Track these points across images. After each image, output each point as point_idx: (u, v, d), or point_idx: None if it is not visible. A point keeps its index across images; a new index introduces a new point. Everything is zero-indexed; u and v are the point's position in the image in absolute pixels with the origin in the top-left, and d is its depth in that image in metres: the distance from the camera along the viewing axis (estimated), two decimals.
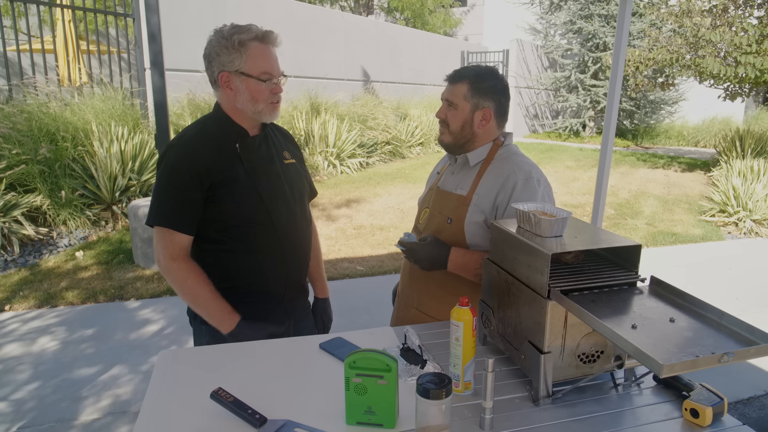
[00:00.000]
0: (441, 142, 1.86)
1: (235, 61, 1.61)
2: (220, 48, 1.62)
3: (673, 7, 9.48)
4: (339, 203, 7.23)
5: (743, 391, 3.16)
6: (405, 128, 11.17)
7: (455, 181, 1.86)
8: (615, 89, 2.54)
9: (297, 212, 1.81)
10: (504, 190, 1.71)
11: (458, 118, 1.78)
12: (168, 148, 1.68)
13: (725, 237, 6.53)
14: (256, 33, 1.62)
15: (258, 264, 1.73)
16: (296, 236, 1.81)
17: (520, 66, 15.81)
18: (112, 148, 5.80)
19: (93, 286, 4.43)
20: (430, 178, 2.08)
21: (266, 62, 1.63)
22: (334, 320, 2.09)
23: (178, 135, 1.71)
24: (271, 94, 1.66)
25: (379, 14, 19.72)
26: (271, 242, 1.73)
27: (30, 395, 2.93)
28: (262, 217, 1.70)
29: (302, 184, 1.87)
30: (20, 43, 6.28)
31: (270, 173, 1.74)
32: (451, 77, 1.80)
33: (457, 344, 1.30)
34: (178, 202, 1.63)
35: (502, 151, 1.82)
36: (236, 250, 1.71)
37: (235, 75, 1.63)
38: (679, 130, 15.89)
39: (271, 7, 9.78)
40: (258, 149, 1.74)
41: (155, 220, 1.65)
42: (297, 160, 1.89)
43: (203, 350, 1.58)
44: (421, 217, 1.93)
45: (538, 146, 13.38)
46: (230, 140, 1.69)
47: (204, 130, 1.70)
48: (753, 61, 8.06)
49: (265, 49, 1.64)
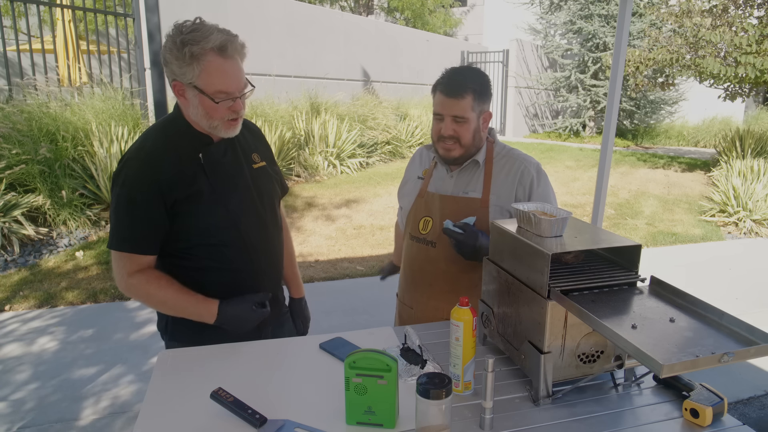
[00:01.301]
0: (448, 157, 1.78)
1: (187, 74, 1.42)
2: (170, 55, 1.42)
3: (673, 7, 9.48)
4: (339, 203, 7.23)
5: (743, 391, 3.16)
6: (405, 128, 11.16)
7: (459, 184, 1.83)
8: (615, 89, 2.54)
9: (267, 222, 1.69)
10: (522, 186, 1.78)
11: (468, 130, 1.74)
12: (125, 163, 1.51)
13: (725, 237, 6.53)
14: (213, 44, 1.40)
15: (227, 280, 1.62)
16: (268, 248, 1.70)
17: (520, 66, 15.81)
18: (112, 148, 5.80)
19: (93, 286, 4.43)
20: (409, 184, 1.98)
21: (223, 80, 1.43)
22: (335, 320, 2.10)
23: (135, 146, 1.54)
24: (228, 111, 1.48)
25: (379, 14, 19.72)
26: (240, 258, 1.61)
27: (30, 395, 2.93)
28: (229, 234, 1.58)
29: (273, 189, 1.75)
30: (20, 43, 6.27)
31: (238, 185, 1.60)
32: (453, 92, 1.69)
33: (457, 344, 1.30)
34: (140, 221, 1.49)
35: (498, 148, 1.86)
36: (203, 267, 1.59)
37: (189, 87, 1.45)
38: (679, 130, 15.88)
39: (271, 7, 9.78)
40: (223, 158, 1.58)
41: (112, 244, 1.51)
42: (267, 161, 1.74)
43: (203, 350, 1.58)
44: (422, 226, 1.86)
45: (538, 146, 13.38)
46: (193, 150, 1.53)
47: (164, 140, 1.54)
48: (753, 61, 8.06)
49: (222, 63, 1.42)
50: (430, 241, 1.84)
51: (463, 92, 1.69)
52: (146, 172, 1.48)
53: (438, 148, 1.79)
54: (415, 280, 1.92)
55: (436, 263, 1.84)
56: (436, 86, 1.76)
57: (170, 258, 1.58)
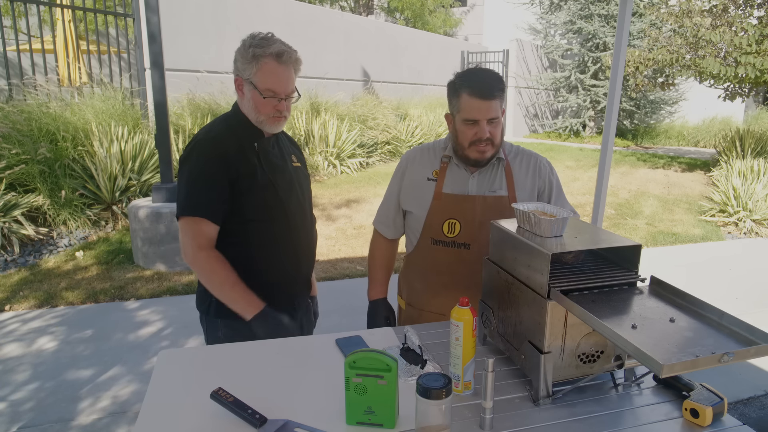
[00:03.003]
0: (482, 159, 1.76)
1: (247, 70, 1.70)
2: (239, 54, 1.72)
3: (673, 7, 9.47)
4: (339, 203, 7.22)
5: (743, 391, 3.16)
6: (405, 128, 11.16)
7: (483, 183, 1.82)
8: (615, 89, 2.54)
9: (306, 210, 1.92)
10: (540, 178, 1.88)
11: (500, 130, 1.77)
12: (196, 143, 1.74)
13: (725, 237, 6.53)
14: (272, 51, 1.68)
15: (273, 257, 1.80)
16: (306, 232, 1.90)
17: (520, 66, 15.81)
18: (112, 148, 5.80)
19: (93, 286, 4.43)
20: (417, 188, 1.89)
21: (274, 80, 1.70)
22: (335, 320, 2.11)
23: (204, 131, 1.78)
24: (273, 109, 1.73)
25: (379, 14, 19.72)
26: (285, 236, 1.81)
27: (29, 395, 2.93)
28: (277, 212, 1.78)
29: (308, 185, 1.97)
30: (20, 43, 6.27)
31: (284, 172, 1.84)
32: (487, 94, 1.69)
33: (457, 344, 1.30)
34: (210, 191, 1.68)
35: (505, 145, 1.90)
36: (253, 244, 1.77)
37: (246, 82, 1.72)
38: (679, 130, 15.89)
39: (271, 7, 9.78)
40: (272, 149, 1.83)
41: (185, 211, 1.69)
42: (302, 165, 1.98)
43: (203, 350, 1.58)
44: (446, 229, 1.81)
45: (538, 146, 13.37)
46: (250, 138, 1.77)
47: (227, 127, 1.78)
48: (753, 61, 8.06)
49: (276, 67, 1.69)
50: (463, 243, 1.79)
51: (495, 93, 1.70)
52: (215, 150, 1.70)
53: (470, 152, 1.75)
54: (446, 285, 1.85)
55: (472, 265, 1.77)
56: (460, 90, 1.72)
57: (226, 235, 1.73)
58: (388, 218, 1.99)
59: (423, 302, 1.92)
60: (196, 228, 1.68)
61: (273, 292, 1.78)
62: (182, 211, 1.69)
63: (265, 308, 1.69)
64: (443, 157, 1.86)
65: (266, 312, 1.68)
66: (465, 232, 1.79)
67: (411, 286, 1.97)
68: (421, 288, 1.93)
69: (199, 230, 1.68)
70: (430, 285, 1.89)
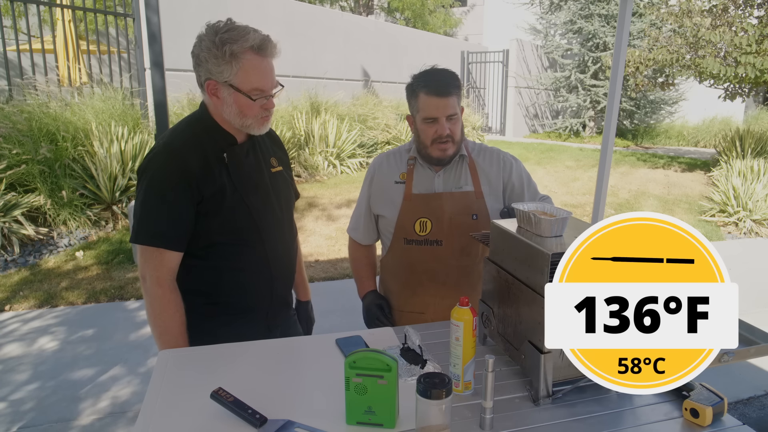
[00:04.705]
0: (444, 157, 1.80)
1: (224, 72, 1.45)
2: (208, 54, 1.45)
3: (673, 7, 9.47)
4: (339, 203, 7.23)
5: (743, 391, 3.16)
6: (405, 128, 11.15)
7: (448, 180, 1.86)
8: (615, 89, 2.54)
9: (284, 225, 1.72)
10: (504, 170, 1.90)
11: (459, 127, 1.80)
12: (153, 157, 1.51)
13: (725, 237, 6.53)
14: (251, 43, 1.45)
15: (244, 282, 1.63)
16: (283, 251, 1.71)
17: (520, 66, 15.80)
18: (112, 148, 5.80)
19: (93, 286, 4.43)
20: (386, 192, 1.91)
21: (260, 78, 1.48)
22: (335, 320, 2.10)
23: (161, 142, 1.54)
24: (261, 109, 1.52)
25: (379, 14, 19.71)
26: (258, 260, 1.62)
27: (30, 395, 2.93)
28: (249, 234, 1.59)
29: (289, 193, 1.78)
30: (20, 43, 6.27)
31: (258, 185, 1.62)
32: (443, 92, 1.73)
33: (457, 344, 1.30)
34: (170, 215, 1.47)
35: (468, 143, 1.94)
36: (221, 267, 1.58)
37: (224, 86, 1.48)
38: (679, 130, 15.87)
39: (271, 7, 9.78)
40: (246, 158, 1.61)
41: (143, 238, 1.47)
42: (284, 166, 1.77)
43: (203, 350, 1.58)
44: (418, 228, 1.84)
45: (538, 146, 13.37)
46: (218, 148, 1.55)
47: (190, 137, 1.55)
48: (753, 61, 8.06)
49: (260, 62, 1.47)
50: (435, 240, 1.84)
51: (451, 90, 1.75)
52: (175, 166, 1.48)
53: (431, 150, 1.80)
54: (423, 283, 1.89)
55: (446, 260, 1.86)
56: (417, 90, 1.76)
57: (187, 258, 1.55)
58: (360, 224, 2.04)
59: (401, 303, 1.96)
60: (156, 260, 1.48)
61: (241, 318, 1.64)
62: (139, 238, 1.48)
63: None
64: (409, 159, 1.90)
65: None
66: (436, 229, 1.83)
67: (388, 288, 2.00)
68: (398, 289, 1.96)
69: (160, 261, 1.48)
70: (406, 285, 1.93)
